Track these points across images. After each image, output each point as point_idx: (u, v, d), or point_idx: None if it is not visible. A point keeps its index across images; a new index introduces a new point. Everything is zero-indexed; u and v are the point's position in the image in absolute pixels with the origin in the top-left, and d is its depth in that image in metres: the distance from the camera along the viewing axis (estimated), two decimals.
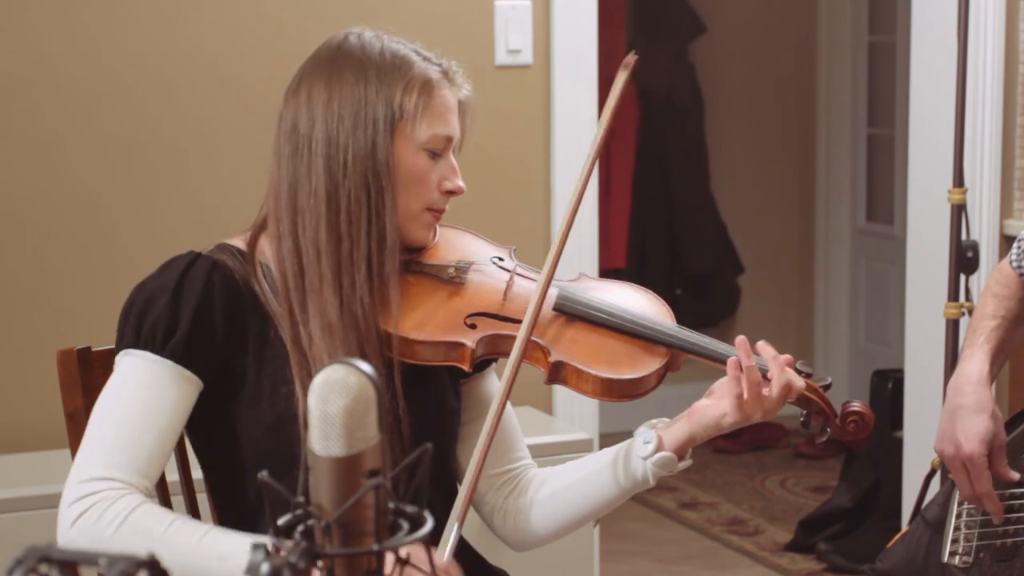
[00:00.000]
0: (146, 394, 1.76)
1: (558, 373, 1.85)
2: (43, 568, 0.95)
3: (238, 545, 1.67)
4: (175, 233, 3.15)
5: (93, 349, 1.94)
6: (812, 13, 6.00)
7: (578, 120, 3.49)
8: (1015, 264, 2.29)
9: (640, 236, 5.75)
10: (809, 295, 6.13)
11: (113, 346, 1.93)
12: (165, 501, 2.01)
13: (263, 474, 1.17)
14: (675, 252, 5.83)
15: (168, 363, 1.77)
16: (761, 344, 1.87)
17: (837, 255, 6.03)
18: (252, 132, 3.22)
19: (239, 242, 1.90)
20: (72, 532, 1.69)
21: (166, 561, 1.62)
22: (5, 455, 3.05)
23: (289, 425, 1.79)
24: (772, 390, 1.83)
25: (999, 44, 3.68)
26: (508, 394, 1.82)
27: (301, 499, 1.13)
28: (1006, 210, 3.75)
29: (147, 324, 1.78)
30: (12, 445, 3.07)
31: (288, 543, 1.08)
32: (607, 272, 5.00)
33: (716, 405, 1.85)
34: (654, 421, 1.91)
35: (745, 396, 1.82)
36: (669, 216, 5.82)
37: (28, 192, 3.10)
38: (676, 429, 1.87)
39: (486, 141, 3.42)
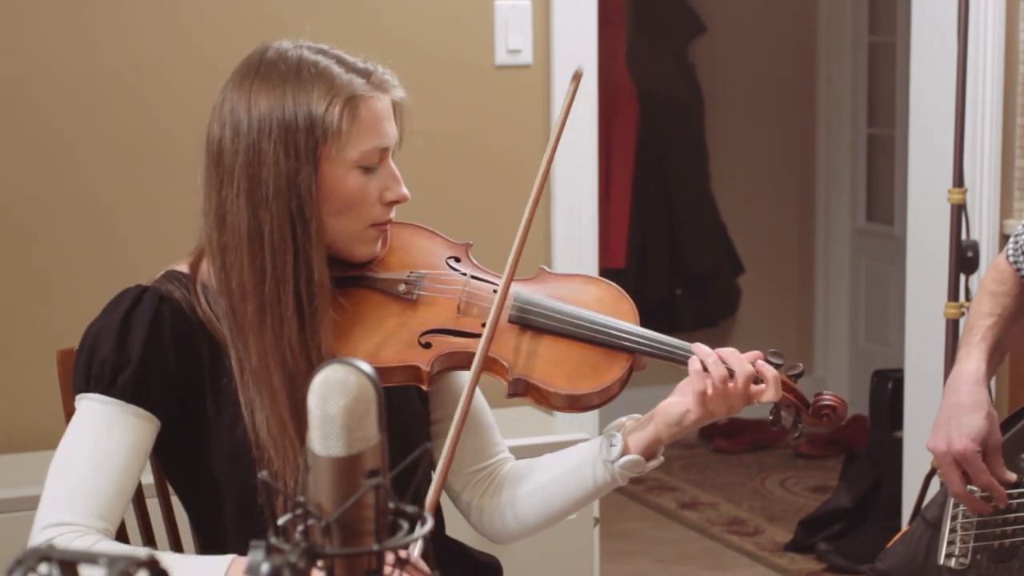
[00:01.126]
0: (101, 438, 1.73)
1: (517, 390, 1.81)
2: (43, 568, 0.95)
3: (195, 562, 1.67)
4: (175, 233, 3.12)
5: None
6: (812, 13, 6.00)
7: (578, 120, 3.49)
8: (1012, 260, 2.28)
9: (640, 236, 5.75)
10: (809, 295, 6.13)
11: None
12: (166, 502, 2.01)
13: (263, 474, 1.17)
14: (675, 252, 5.83)
15: (120, 403, 1.74)
16: (725, 349, 1.84)
17: (837, 255, 6.03)
18: None
19: (185, 266, 1.85)
20: None
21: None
22: (5, 455, 3.05)
23: (250, 455, 1.76)
24: (737, 383, 1.79)
25: (999, 44, 3.68)
26: (464, 420, 1.76)
27: (301, 499, 1.13)
28: (1006, 210, 3.74)
29: (95, 365, 1.75)
30: (12, 445, 3.07)
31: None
32: (607, 272, 5.01)
33: (679, 403, 1.82)
34: (622, 420, 1.89)
35: (710, 392, 1.79)
36: (669, 216, 5.82)
37: (28, 192, 3.09)
38: (641, 431, 1.85)
39: (486, 141, 3.43)
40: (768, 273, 6.06)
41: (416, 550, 1.65)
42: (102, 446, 1.73)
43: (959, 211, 3.46)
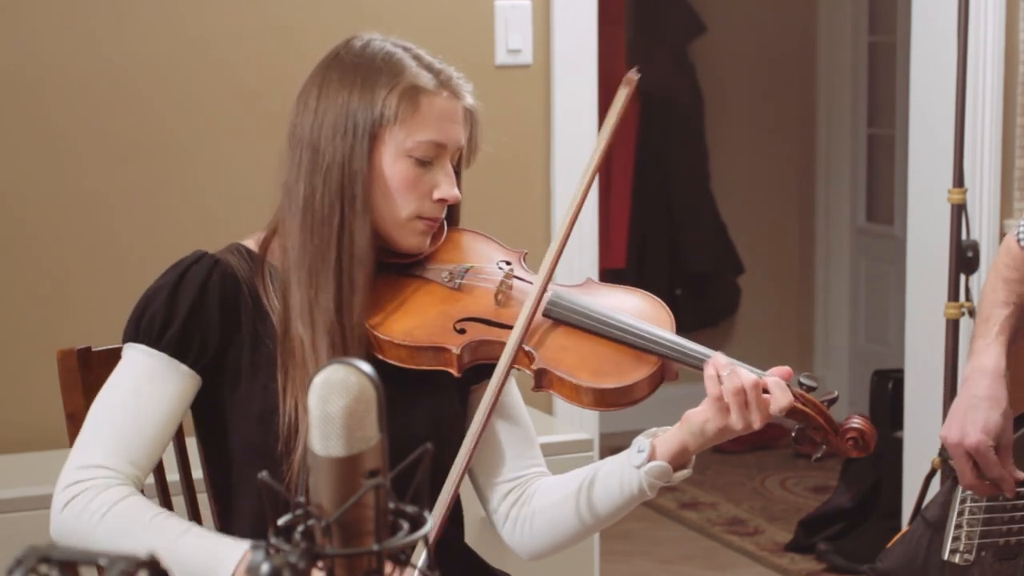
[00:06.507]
0: (142, 386, 1.80)
1: (542, 380, 1.84)
2: (43, 568, 0.95)
3: (209, 548, 1.69)
4: (176, 234, 3.14)
5: (93, 349, 1.95)
6: (812, 13, 6.00)
7: (578, 120, 3.49)
8: (1023, 243, 2.25)
9: (640, 236, 5.75)
10: (809, 295, 6.13)
11: (113, 346, 1.94)
12: (166, 502, 2.01)
13: (263, 474, 1.17)
14: (675, 252, 5.83)
15: (164, 356, 1.81)
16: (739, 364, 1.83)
17: (837, 255, 6.03)
18: (255, 133, 3.22)
19: (251, 243, 1.93)
20: (61, 516, 1.74)
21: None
22: (5, 455, 3.05)
23: (273, 418, 1.82)
24: (747, 388, 1.78)
25: (999, 44, 3.68)
26: (493, 405, 1.80)
27: (301, 499, 1.13)
28: (1006, 210, 3.74)
29: (145, 318, 1.83)
30: (12, 445, 3.07)
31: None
32: (607, 272, 5.00)
33: (701, 412, 1.82)
34: (654, 430, 1.89)
35: (726, 399, 1.79)
36: (669, 216, 5.82)
37: (29, 192, 3.09)
38: (669, 438, 1.85)
39: (486, 141, 3.43)
40: (768, 273, 6.06)
41: (421, 559, 1.66)
42: (143, 394, 1.80)
43: (959, 211, 3.46)
